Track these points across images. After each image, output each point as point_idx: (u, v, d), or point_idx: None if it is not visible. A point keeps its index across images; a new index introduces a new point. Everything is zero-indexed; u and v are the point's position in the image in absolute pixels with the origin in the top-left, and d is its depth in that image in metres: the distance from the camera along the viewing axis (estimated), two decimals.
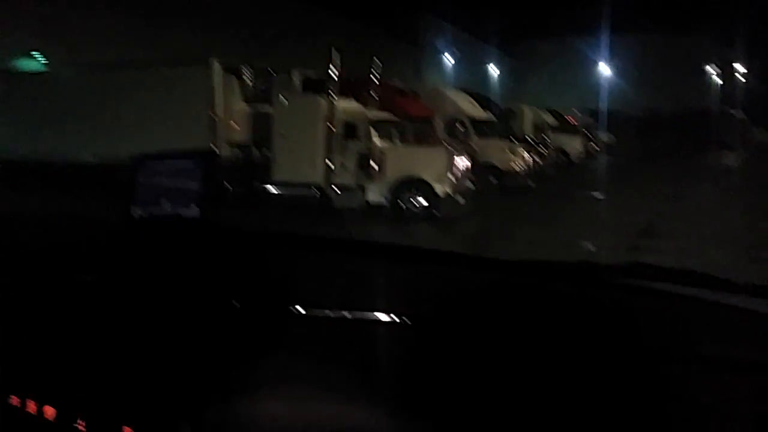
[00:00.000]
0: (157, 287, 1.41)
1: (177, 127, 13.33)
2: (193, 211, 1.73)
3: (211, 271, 1.45)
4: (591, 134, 31.03)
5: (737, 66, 53.31)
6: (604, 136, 32.24)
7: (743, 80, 53.70)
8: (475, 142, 17.17)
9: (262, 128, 13.89)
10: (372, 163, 12.71)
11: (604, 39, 42.02)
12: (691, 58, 53.95)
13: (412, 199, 12.70)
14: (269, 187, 13.48)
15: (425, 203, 12.62)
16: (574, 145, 27.62)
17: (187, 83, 14.09)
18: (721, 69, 55.24)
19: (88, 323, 1.38)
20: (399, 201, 12.73)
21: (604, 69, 47.01)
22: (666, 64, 52.83)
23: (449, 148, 13.44)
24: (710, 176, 24.79)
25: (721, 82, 55.30)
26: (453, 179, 12.75)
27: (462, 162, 13.28)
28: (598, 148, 30.10)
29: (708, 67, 55.10)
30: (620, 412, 0.99)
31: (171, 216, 1.75)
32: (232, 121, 14.13)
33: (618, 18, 38.46)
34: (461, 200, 12.87)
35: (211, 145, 13.30)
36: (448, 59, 40.65)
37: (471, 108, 18.65)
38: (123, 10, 19.83)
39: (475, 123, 17.96)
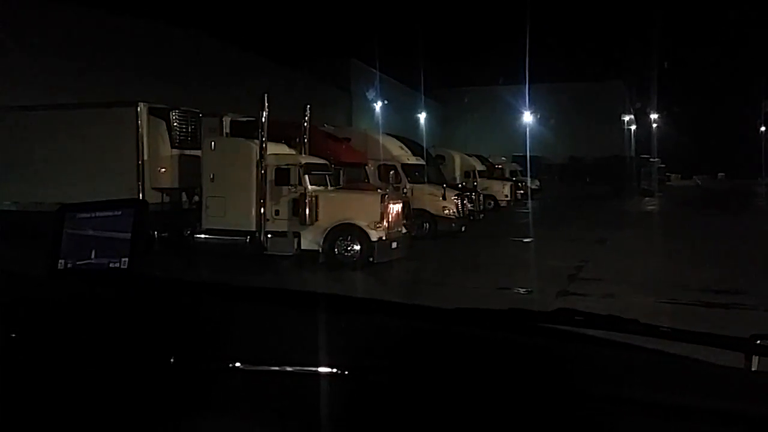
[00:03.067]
0: (83, 343, 1.34)
1: (103, 172, 12.93)
2: (121, 261, 1.63)
3: (143, 325, 1.39)
4: (518, 179, 32.02)
5: (654, 116, 56.44)
6: (530, 182, 33.26)
7: (660, 130, 56.78)
8: (407, 187, 17.37)
9: (191, 173, 13.63)
10: (305, 209, 12.60)
11: (529, 88, 43.59)
12: (611, 108, 56.77)
13: (346, 246, 12.64)
14: (199, 234, 13.16)
15: (359, 249, 12.57)
16: (501, 190, 28.41)
17: (113, 127, 13.74)
18: (638, 119, 58.31)
19: (8, 381, 1.31)
20: (333, 247, 12.64)
21: (529, 117, 48.80)
22: (589, 113, 55.40)
23: (382, 193, 13.49)
24: (631, 220, 25.89)
25: (639, 131, 58.24)
26: (386, 225, 12.78)
27: (394, 207, 13.36)
28: (524, 193, 31.01)
29: (627, 117, 58.09)
30: None
31: (97, 267, 1.66)
32: (159, 166, 13.81)
33: (541, 69, 40.19)
34: (395, 245, 12.90)
35: (139, 190, 12.94)
36: (379, 105, 41.32)
37: (402, 153, 18.90)
38: (48, 53, 19.27)
39: (407, 168, 18.20)
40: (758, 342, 1.25)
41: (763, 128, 58.07)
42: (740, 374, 1.18)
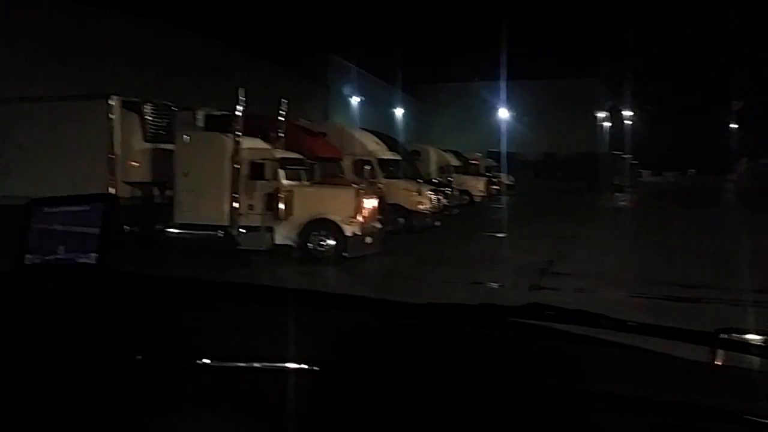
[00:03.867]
0: (50, 339, 1.33)
1: (74, 165, 12.75)
2: (90, 257, 1.63)
3: (111, 321, 1.38)
4: (492, 175, 32.20)
5: (627, 113, 57.08)
6: (504, 178, 33.46)
7: (633, 127, 57.43)
8: (382, 182, 17.38)
9: (163, 167, 13.50)
10: (280, 203, 12.56)
11: (505, 84, 43.80)
12: (586, 105, 57.25)
13: (320, 241, 12.62)
14: (171, 229, 13.04)
15: (333, 244, 12.56)
16: (476, 185, 28.56)
17: (85, 120, 13.54)
18: (612, 116, 58.89)
19: None
20: (307, 242, 12.61)
21: (504, 113, 49.06)
22: (563, 110, 55.84)
23: (357, 188, 13.49)
24: (603, 215, 26.21)
25: (612, 127, 58.81)
26: (361, 219, 12.79)
27: (369, 202, 13.37)
28: (499, 189, 31.18)
29: (601, 114, 58.63)
30: None
31: (65, 262, 1.65)
32: (131, 160, 13.65)
33: (517, 66, 40.38)
34: (369, 240, 12.91)
35: (110, 184, 12.78)
36: (356, 100, 41.24)
37: (378, 149, 18.90)
38: (19, 45, 18.90)
39: (382, 163, 18.21)
40: (722, 336, 1.29)
41: (733, 125, 59.07)
42: (705, 368, 1.20)
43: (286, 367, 1.18)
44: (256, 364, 1.20)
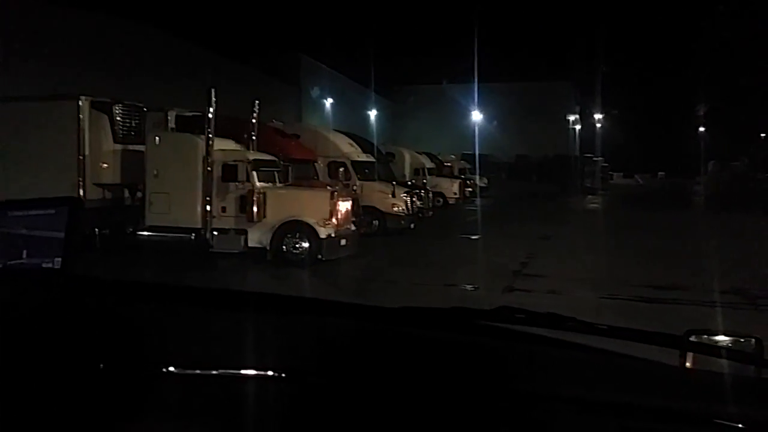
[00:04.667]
0: (11, 347, 1.28)
1: (43, 166, 12.51)
2: (54, 261, 1.58)
3: (74, 329, 1.34)
4: (466, 177, 32.35)
5: (598, 116, 57.83)
6: (478, 180, 33.65)
7: (604, 130, 58.20)
8: (357, 184, 17.36)
9: (134, 169, 13.31)
10: (253, 206, 12.45)
11: (478, 87, 44.07)
12: (558, 109, 57.88)
13: (294, 243, 12.54)
14: (142, 232, 12.86)
15: (308, 247, 12.49)
16: (450, 188, 28.67)
17: (54, 121, 13.30)
18: (583, 119, 59.62)
19: None
20: (281, 244, 12.52)
21: (478, 116, 49.37)
22: (535, 113, 56.41)
23: (331, 190, 13.44)
24: (575, 218, 26.50)
25: (583, 131, 59.51)
26: (335, 222, 12.74)
27: (343, 204, 13.33)
28: (472, 191, 31.35)
29: (572, 117, 59.34)
30: None
31: (29, 267, 1.60)
32: (101, 162, 13.44)
33: (491, 69, 40.63)
34: (344, 243, 12.87)
35: (79, 186, 12.57)
36: (329, 102, 41.14)
37: (352, 150, 18.86)
38: None
39: (356, 165, 18.19)
40: (692, 339, 1.30)
41: (702, 129, 60.19)
42: (674, 372, 1.21)
43: (252, 374, 1.17)
44: (222, 372, 1.18)
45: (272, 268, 12.06)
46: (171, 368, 1.20)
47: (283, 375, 1.18)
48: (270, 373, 1.17)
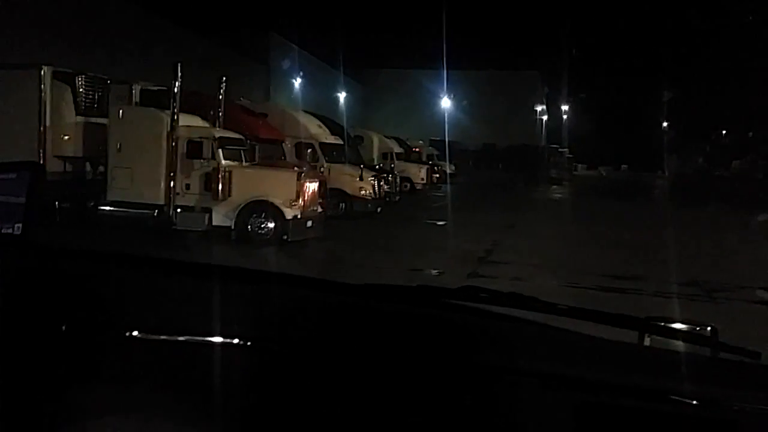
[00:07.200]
0: None
1: (2, 136, 12.12)
2: (15, 227, 1.53)
3: (35, 293, 1.32)
4: (434, 163, 32.45)
5: (564, 107, 58.47)
6: (446, 166, 33.78)
7: (569, 121, 58.92)
8: (324, 166, 17.25)
9: (96, 142, 13.01)
10: (218, 184, 12.28)
11: (447, 73, 44.13)
12: (525, 98, 58.37)
13: (260, 223, 12.42)
14: (104, 206, 12.60)
15: (273, 227, 12.39)
16: (418, 173, 28.73)
17: (13, 90, 12.89)
18: (549, 109, 60.24)
19: None
20: (246, 224, 12.39)
21: (446, 102, 49.48)
22: (503, 101, 56.79)
23: (298, 171, 13.32)
24: (540, 207, 26.82)
25: (549, 121, 60.18)
26: (302, 203, 12.64)
27: (311, 186, 13.23)
28: (440, 177, 31.47)
29: (539, 107, 59.90)
30: (453, 423, 1.09)
31: None
32: (62, 133, 13.10)
33: (460, 56, 40.67)
34: (310, 224, 12.80)
35: (39, 157, 12.22)
36: (298, 82, 40.74)
37: (320, 132, 18.73)
38: None
39: (324, 147, 18.07)
40: (651, 322, 1.32)
41: (665, 124, 61.32)
42: (633, 349, 1.24)
43: (217, 341, 1.17)
44: (187, 338, 1.18)
45: (236, 247, 11.94)
46: (135, 333, 1.19)
47: (249, 343, 1.18)
48: (236, 341, 1.17)
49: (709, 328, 1.34)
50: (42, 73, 12.77)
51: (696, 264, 11.66)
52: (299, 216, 12.50)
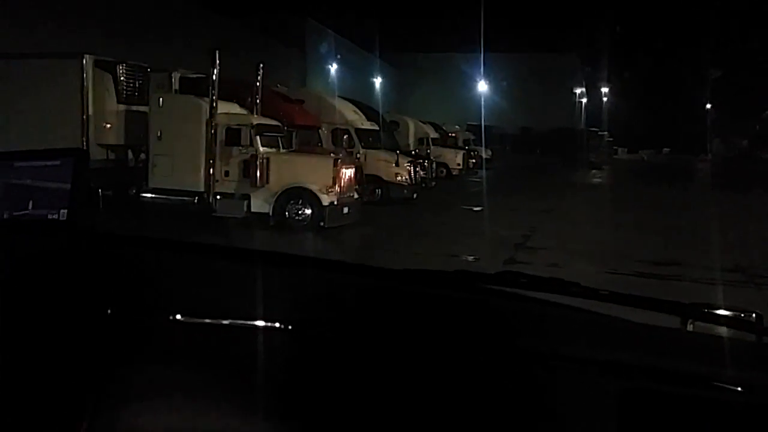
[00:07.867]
0: (21, 294, 1.30)
1: (45, 126, 12.44)
2: (60, 213, 1.57)
3: (81, 277, 1.35)
4: (470, 148, 32.19)
5: (604, 90, 57.36)
6: (482, 151, 33.48)
7: (609, 104, 57.83)
8: (360, 152, 17.28)
9: (137, 130, 13.25)
10: (256, 171, 12.40)
11: (484, 56, 43.60)
12: (564, 81, 57.36)
13: (297, 210, 12.52)
14: (145, 194, 12.84)
15: (310, 213, 12.48)
16: (454, 158, 28.55)
17: (57, 79, 13.18)
18: (588, 92, 59.15)
19: None
20: (284, 211, 12.51)
21: (483, 86, 48.93)
22: (541, 84, 55.89)
23: (335, 157, 13.38)
24: (579, 191, 26.44)
25: (589, 104, 59.12)
26: (338, 189, 12.70)
27: (347, 172, 13.28)
28: (476, 162, 31.22)
29: (578, 90, 58.84)
30: (492, 408, 1.08)
31: (35, 218, 1.59)
32: (104, 122, 13.37)
33: (498, 38, 40.12)
34: (346, 211, 12.85)
35: (82, 146, 12.50)
36: (334, 67, 40.76)
37: (356, 118, 18.74)
38: None
39: (360, 133, 18.08)
40: (694, 308, 1.30)
41: (708, 106, 59.76)
42: (676, 335, 1.22)
43: (259, 324, 1.19)
44: (229, 321, 1.20)
45: (274, 233, 12.07)
46: (178, 316, 1.21)
47: (290, 327, 1.19)
48: (277, 324, 1.19)
49: (753, 315, 1.31)
50: (84, 61, 13.03)
51: (739, 250, 11.38)
52: (336, 202, 12.57)
